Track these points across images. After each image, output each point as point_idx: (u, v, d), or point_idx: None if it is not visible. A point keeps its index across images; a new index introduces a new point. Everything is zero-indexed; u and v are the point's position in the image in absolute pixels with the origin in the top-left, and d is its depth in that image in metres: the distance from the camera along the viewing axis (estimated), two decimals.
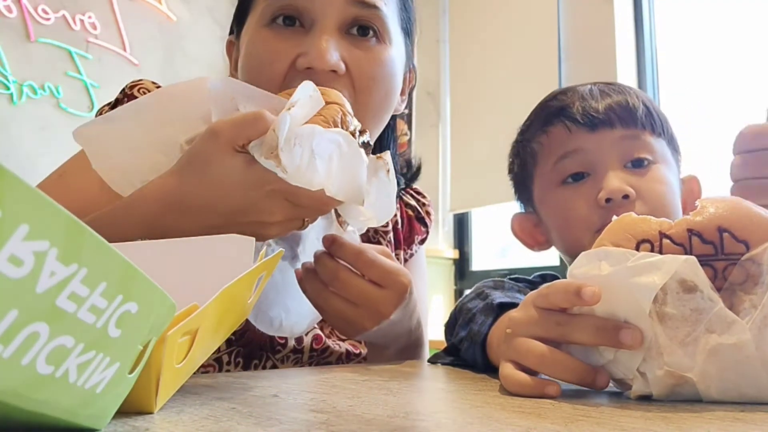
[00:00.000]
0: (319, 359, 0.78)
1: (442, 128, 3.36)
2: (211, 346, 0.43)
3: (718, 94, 2.26)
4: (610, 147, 0.74)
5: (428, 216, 0.94)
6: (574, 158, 0.75)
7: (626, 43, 2.58)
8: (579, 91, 0.79)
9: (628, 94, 0.77)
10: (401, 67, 0.75)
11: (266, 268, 0.47)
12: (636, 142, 0.75)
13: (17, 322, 0.22)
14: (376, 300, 0.63)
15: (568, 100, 0.78)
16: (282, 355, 0.76)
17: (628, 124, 0.75)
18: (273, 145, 0.51)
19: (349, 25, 0.69)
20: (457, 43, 3.35)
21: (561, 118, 0.77)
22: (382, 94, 0.70)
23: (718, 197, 0.43)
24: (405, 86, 0.81)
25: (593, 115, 0.75)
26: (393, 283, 0.64)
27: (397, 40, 0.74)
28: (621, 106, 0.76)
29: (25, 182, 0.21)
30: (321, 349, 0.77)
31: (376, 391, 0.45)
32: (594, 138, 0.74)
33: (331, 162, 0.54)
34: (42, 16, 2.52)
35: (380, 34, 0.70)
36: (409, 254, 0.91)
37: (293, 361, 0.77)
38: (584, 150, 0.74)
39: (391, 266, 0.64)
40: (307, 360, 0.77)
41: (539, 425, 0.33)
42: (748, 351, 0.37)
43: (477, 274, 3.15)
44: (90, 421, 0.28)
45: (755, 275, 0.39)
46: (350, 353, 0.79)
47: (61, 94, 2.53)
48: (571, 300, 0.42)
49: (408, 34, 0.77)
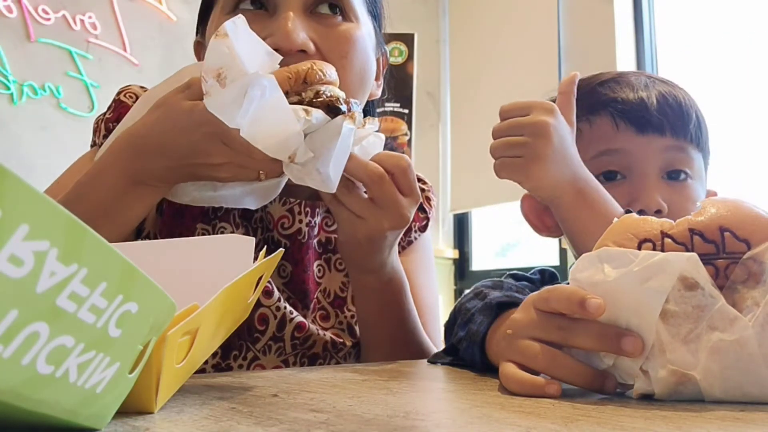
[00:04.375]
0: (302, 349, 0.76)
1: (442, 128, 3.37)
2: (211, 346, 0.43)
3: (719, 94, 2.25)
4: (655, 154, 0.71)
5: (428, 202, 0.92)
6: (615, 158, 0.72)
7: (626, 43, 2.58)
8: (632, 83, 0.74)
9: (683, 99, 0.73)
10: (372, 46, 0.75)
11: (266, 268, 0.47)
12: (681, 154, 0.72)
13: (17, 322, 0.22)
14: (401, 203, 0.64)
15: (621, 92, 0.73)
16: (262, 344, 0.75)
17: (678, 134, 0.72)
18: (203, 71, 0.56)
19: (313, 4, 0.69)
20: (457, 43, 3.35)
21: (610, 111, 0.72)
22: (356, 70, 0.71)
23: (719, 198, 0.43)
24: (379, 70, 0.81)
25: (645, 116, 0.71)
26: (416, 195, 0.66)
27: (365, 21, 0.74)
28: (674, 110, 0.72)
29: (25, 182, 0.21)
30: (303, 337, 0.76)
31: (376, 391, 0.45)
32: (641, 141, 0.71)
33: (251, 105, 0.55)
34: (42, 16, 2.52)
35: (346, 13, 0.71)
36: (407, 241, 0.89)
37: (276, 352, 0.75)
38: (627, 152, 0.71)
39: (414, 179, 0.66)
40: (290, 350, 0.75)
41: (539, 425, 0.33)
42: (750, 348, 0.37)
43: (477, 274, 3.15)
44: (90, 421, 0.28)
45: (757, 273, 0.39)
46: (335, 342, 0.78)
47: (62, 94, 2.53)
48: (575, 310, 0.42)
49: (375, 17, 0.77)
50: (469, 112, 3.21)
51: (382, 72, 0.83)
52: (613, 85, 0.74)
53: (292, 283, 0.79)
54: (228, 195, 0.66)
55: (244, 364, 0.74)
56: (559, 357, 0.44)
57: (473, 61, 3.21)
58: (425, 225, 0.91)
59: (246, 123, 0.55)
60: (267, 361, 0.75)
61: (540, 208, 0.78)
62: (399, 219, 0.65)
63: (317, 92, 0.59)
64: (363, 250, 0.68)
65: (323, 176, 0.59)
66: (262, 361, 0.75)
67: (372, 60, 0.74)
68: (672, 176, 0.72)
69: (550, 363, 0.44)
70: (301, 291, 0.79)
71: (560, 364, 0.44)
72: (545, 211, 0.78)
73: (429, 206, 0.92)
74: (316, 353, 0.77)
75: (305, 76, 0.59)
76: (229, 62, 0.55)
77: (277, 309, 0.74)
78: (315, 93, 0.59)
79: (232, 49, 0.55)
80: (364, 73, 0.72)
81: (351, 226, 0.66)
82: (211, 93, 0.55)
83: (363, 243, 0.66)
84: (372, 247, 0.67)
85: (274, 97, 0.55)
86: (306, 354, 0.77)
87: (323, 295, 0.80)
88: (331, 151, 0.59)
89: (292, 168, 0.60)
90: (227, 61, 0.55)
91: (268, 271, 0.48)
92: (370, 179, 0.63)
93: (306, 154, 0.59)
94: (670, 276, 0.38)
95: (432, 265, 0.95)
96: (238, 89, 0.54)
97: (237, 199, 0.67)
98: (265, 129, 0.56)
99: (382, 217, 0.64)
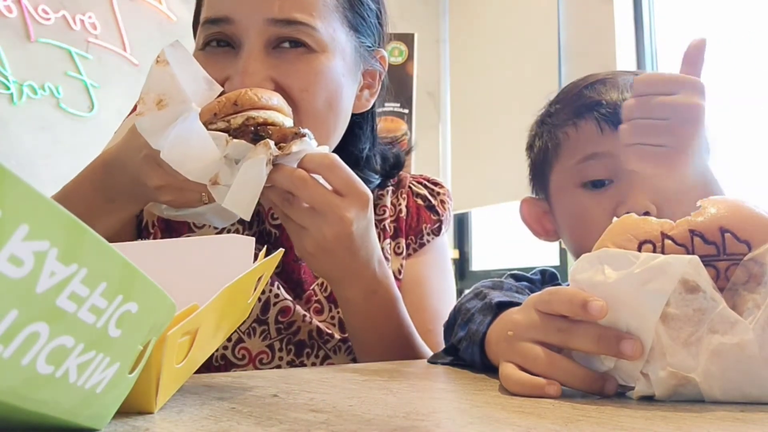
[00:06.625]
0: (287, 334, 0.76)
1: (442, 128, 3.37)
2: (211, 346, 0.43)
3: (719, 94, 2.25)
4: None
5: (442, 205, 0.90)
6: (600, 161, 0.70)
7: (626, 43, 2.58)
8: (618, 84, 0.72)
9: None
10: (346, 70, 0.74)
11: (266, 269, 0.47)
12: None
13: (17, 322, 0.22)
14: (338, 205, 0.61)
15: (605, 93, 0.72)
16: (247, 326, 0.75)
17: None
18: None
19: (275, 42, 0.69)
20: (457, 43, 3.35)
21: (594, 113, 0.71)
22: (321, 101, 0.70)
23: (719, 198, 0.43)
24: (375, 81, 0.81)
25: None
26: (355, 191, 0.62)
27: (338, 45, 0.73)
28: None
29: (25, 182, 0.21)
30: (288, 322, 0.75)
31: (376, 391, 0.45)
32: None
33: (173, 129, 0.57)
34: (42, 16, 2.52)
35: (309, 45, 0.70)
36: (419, 243, 0.87)
37: (260, 335, 0.75)
38: (613, 155, 0.69)
39: (354, 175, 0.63)
40: (275, 335, 0.75)
41: (539, 425, 0.33)
42: (751, 351, 0.37)
43: (477, 274, 3.15)
44: (90, 421, 0.28)
45: (758, 275, 0.39)
46: (321, 331, 0.77)
47: (61, 94, 2.54)
48: (577, 312, 0.42)
49: (357, 29, 0.76)
50: (469, 112, 3.21)
51: (378, 80, 0.82)
52: (599, 87, 0.73)
53: (284, 273, 0.79)
54: (189, 213, 0.67)
55: (229, 345, 0.75)
56: (558, 360, 0.44)
57: (473, 61, 3.21)
58: (438, 228, 0.89)
59: (166, 145, 0.57)
60: (252, 344, 0.75)
61: (539, 212, 0.78)
62: (339, 222, 0.62)
63: (248, 118, 0.60)
64: (321, 262, 0.66)
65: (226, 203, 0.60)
66: (246, 344, 0.75)
67: (341, 85, 0.73)
68: None
69: (549, 366, 0.44)
70: (293, 280, 0.79)
71: (560, 367, 0.44)
72: (545, 215, 0.77)
73: (443, 209, 0.90)
74: (302, 341, 0.77)
75: (236, 100, 0.60)
76: (170, 88, 0.57)
77: (262, 292, 0.74)
78: (245, 119, 0.60)
79: (174, 77, 0.57)
80: (332, 101, 0.72)
81: (298, 238, 0.65)
82: (144, 113, 0.57)
83: (317, 255, 0.64)
84: (330, 258, 0.65)
85: (192, 124, 0.57)
86: (292, 341, 0.77)
87: (320, 288, 0.80)
88: (237, 181, 0.60)
89: (218, 190, 0.60)
90: (169, 87, 0.57)
91: (268, 271, 0.48)
92: (294, 185, 0.61)
93: (233, 176, 0.60)
94: (671, 278, 0.38)
95: (447, 270, 0.92)
96: (171, 114, 0.57)
97: (200, 217, 0.68)
98: (183, 153, 0.58)
99: (322, 224, 0.62)
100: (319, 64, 0.70)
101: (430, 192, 0.91)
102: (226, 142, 0.59)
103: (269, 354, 0.76)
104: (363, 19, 0.77)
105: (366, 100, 0.81)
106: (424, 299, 0.83)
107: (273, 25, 0.68)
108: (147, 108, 0.57)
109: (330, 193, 0.62)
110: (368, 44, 0.78)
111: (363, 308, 0.70)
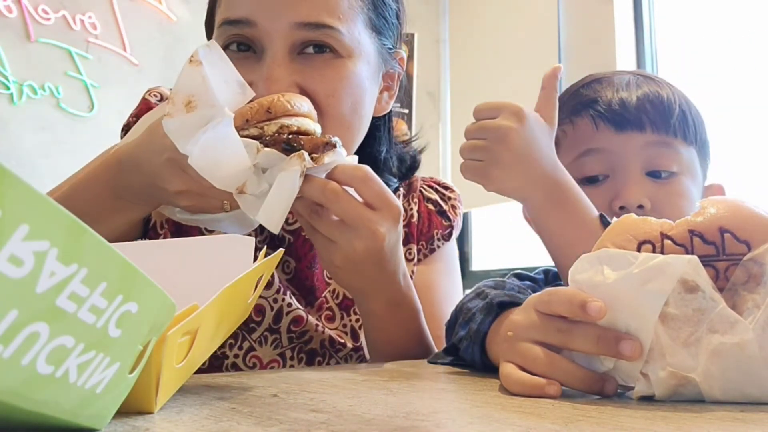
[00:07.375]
0: (299, 343, 0.76)
1: (442, 128, 3.36)
2: (211, 346, 0.43)
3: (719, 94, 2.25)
4: (636, 151, 0.71)
5: (453, 210, 0.89)
6: (596, 157, 0.72)
7: (626, 43, 2.58)
8: (614, 83, 0.74)
9: (665, 93, 0.73)
10: (369, 74, 0.73)
11: (266, 269, 0.47)
12: (664, 149, 0.71)
13: (17, 322, 0.22)
14: (370, 219, 0.60)
15: (601, 91, 0.74)
16: (258, 335, 0.74)
17: (659, 129, 0.71)
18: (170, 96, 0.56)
19: (300, 47, 0.67)
20: (457, 43, 3.35)
21: (589, 111, 0.73)
22: (347, 106, 0.69)
23: (718, 198, 0.43)
24: (393, 82, 0.80)
25: (623, 114, 0.71)
26: (387, 204, 0.61)
27: (364, 48, 0.71)
28: (655, 106, 0.72)
29: (25, 182, 0.21)
30: (300, 331, 0.75)
31: (376, 391, 0.45)
32: (621, 139, 0.71)
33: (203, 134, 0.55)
34: (42, 16, 2.52)
35: (336, 49, 0.68)
36: (429, 249, 0.87)
37: (272, 344, 0.74)
38: (608, 150, 0.71)
39: (386, 188, 0.62)
40: (287, 344, 0.75)
41: (539, 425, 0.33)
42: (751, 351, 0.37)
43: (477, 274, 3.15)
44: (90, 421, 0.28)
45: (757, 275, 0.39)
46: (334, 341, 0.76)
47: (61, 94, 2.53)
48: (576, 313, 0.42)
49: (379, 31, 0.75)
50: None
51: (396, 82, 0.81)
52: (595, 86, 0.75)
53: (296, 279, 0.79)
54: (206, 219, 0.65)
55: (240, 353, 0.74)
56: (558, 360, 0.44)
57: (473, 61, 3.21)
58: (449, 233, 0.88)
59: (196, 151, 0.55)
60: (263, 352, 0.75)
61: None
62: (371, 236, 0.60)
63: (281, 126, 0.58)
64: (349, 275, 0.64)
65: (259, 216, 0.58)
66: (258, 352, 0.75)
67: (365, 89, 0.72)
68: (655, 173, 0.71)
69: (549, 366, 0.44)
70: (305, 288, 0.78)
71: (560, 367, 0.44)
72: None
73: (454, 214, 0.89)
74: (314, 349, 0.77)
75: (269, 107, 0.58)
76: (201, 91, 0.55)
77: (274, 301, 0.74)
78: (279, 127, 0.58)
79: (206, 78, 0.55)
80: (356, 106, 0.70)
81: (326, 251, 0.63)
82: (173, 115, 0.55)
83: (345, 268, 0.63)
84: (358, 271, 0.63)
85: (226, 131, 0.55)
86: (303, 349, 0.76)
87: (332, 296, 0.80)
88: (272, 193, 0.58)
89: (245, 199, 0.59)
90: (200, 89, 0.55)
91: (268, 272, 0.48)
92: (326, 198, 0.59)
93: (260, 186, 0.58)
94: (670, 278, 0.38)
95: (456, 276, 0.92)
96: (200, 118, 0.54)
97: (215, 224, 0.66)
98: (213, 160, 0.55)
99: (353, 238, 0.60)
100: (345, 69, 0.69)
101: (441, 197, 0.91)
102: (257, 151, 0.57)
103: (280, 362, 0.76)
104: (385, 20, 0.76)
105: (386, 103, 0.80)
106: (434, 306, 0.82)
107: (299, 29, 0.66)
108: (176, 109, 0.55)
109: (362, 206, 0.60)
110: (389, 46, 0.77)
111: (386, 321, 0.69)
